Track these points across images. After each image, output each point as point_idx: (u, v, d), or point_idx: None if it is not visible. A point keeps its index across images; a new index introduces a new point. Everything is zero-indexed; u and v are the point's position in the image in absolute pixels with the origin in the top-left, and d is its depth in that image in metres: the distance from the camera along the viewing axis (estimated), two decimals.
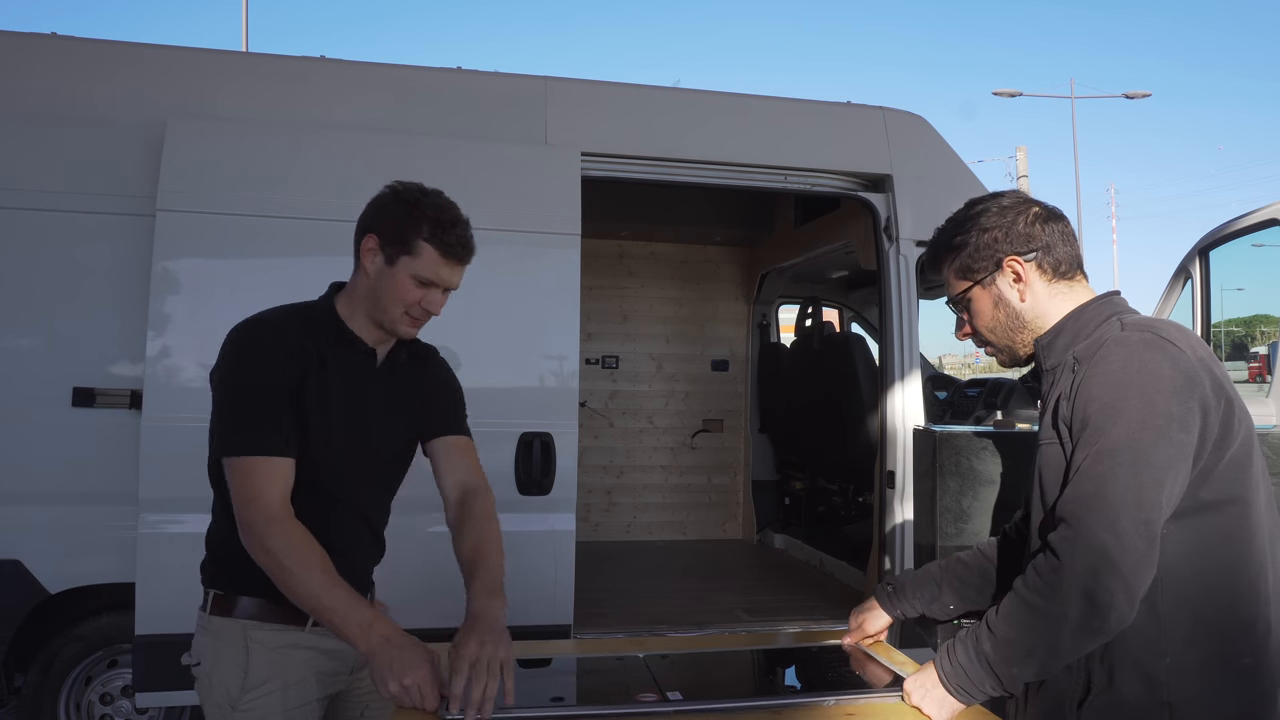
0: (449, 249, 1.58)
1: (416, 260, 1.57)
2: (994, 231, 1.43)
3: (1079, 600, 1.19)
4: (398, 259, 1.58)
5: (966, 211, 1.48)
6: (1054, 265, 1.43)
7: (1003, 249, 1.43)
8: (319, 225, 2.95)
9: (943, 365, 20.19)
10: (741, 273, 5.97)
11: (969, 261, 1.45)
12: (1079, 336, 1.38)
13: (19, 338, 2.87)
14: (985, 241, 1.44)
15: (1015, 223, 1.43)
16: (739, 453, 5.87)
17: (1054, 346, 1.41)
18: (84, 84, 2.98)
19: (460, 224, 1.60)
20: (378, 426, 1.68)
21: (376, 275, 1.61)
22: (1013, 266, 1.43)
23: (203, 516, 2.79)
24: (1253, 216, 3.60)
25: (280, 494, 1.49)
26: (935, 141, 3.73)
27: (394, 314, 1.62)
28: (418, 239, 1.57)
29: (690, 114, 3.51)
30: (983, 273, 1.45)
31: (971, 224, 1.46)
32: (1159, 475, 1.20)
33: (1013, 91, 21.16)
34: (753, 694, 1.56)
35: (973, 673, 1.28)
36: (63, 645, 2.95)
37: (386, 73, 3.28)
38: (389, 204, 1.61)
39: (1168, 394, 1.22)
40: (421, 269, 1.58)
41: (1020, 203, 1.46)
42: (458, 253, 1.60)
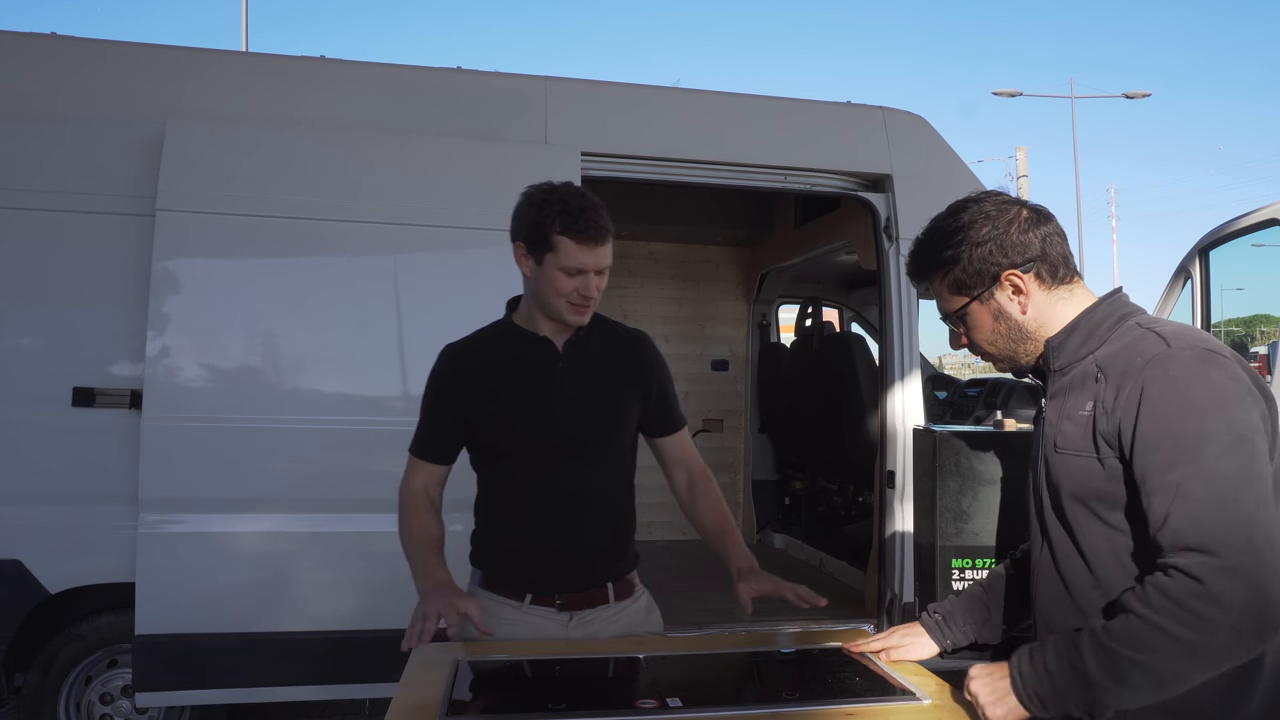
0: (582, 235, 1.67)
1: (559, 254, 1.69)
2: (988, 245, 1.35)
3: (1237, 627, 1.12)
4: (543, 258, 1.71)
5: (952, 220, 1.40)
6: (1051, 272, 1.37)
7: (999, 262, 1.36)
8: (319, 225, 2.95)
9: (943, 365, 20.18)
10: (741, 273, 5.97)
11: (963, 277, 1.38)
12: (1092, 338, 1.34)
13: (19, 338, 2.87)
14: (979, 256, 1.36)
15: (1008, 232, 1.36)
16: (739, 453, 5.86)
17: (1065, 347, 1.36)
18: (84, 84, 2.98)
19: (588, 209, 1.69)
20: (567, 411, 1.77)
21: (533, 277, 1.75)
22: (1011, 280, 1.36)
23: (202, 516, 2.83)
24: (1253, 216, 3.60)
25: (417, 484, 1.85)
26: (935, 141, 3.73)
27: (558, 306, 1.74)
28: (553, 234, 1.68)
29: (690, 114, 3.51)
30: (979, 288, 1.38)
31: (961, 236, 1.38)
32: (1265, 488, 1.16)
33: (1013, 91, 21.17)
34: (753, 696, 1.56)
35: (1061, 685, 1.21)
36: (63, 645, 2.95)
37: (386, 73, 3.28)
38: (523, 209, 1.74)
39: (1241, 406, 1.19)
40: (565, 260, 1.69)
41: (1007, 206, 1.39)
42: (592, 236, 1.68)
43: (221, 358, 2.88)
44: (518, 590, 1.79)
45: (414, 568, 1.77)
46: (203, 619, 2.81)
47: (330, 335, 2.96)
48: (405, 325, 3.01)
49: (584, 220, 1.67)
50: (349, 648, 2.90)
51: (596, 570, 1.81)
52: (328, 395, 2.95)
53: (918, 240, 1.46)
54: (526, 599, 1.78)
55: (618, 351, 1.86)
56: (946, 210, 1.44)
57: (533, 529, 1.78)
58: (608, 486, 1.83)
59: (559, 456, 1.76)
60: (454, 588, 1.71)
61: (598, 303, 1.77)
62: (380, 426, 2.95)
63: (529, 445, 1.77)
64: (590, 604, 1.80)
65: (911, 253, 1.47)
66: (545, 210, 1.69)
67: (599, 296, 1.75)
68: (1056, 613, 1.37)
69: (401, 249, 3.04)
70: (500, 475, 1.83)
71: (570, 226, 1.67)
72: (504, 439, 1.79)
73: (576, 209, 1.67)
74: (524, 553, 1.79)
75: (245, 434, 2.85)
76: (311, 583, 2.93)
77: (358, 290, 2.99)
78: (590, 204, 1.69)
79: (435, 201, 3.03)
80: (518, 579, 1.79)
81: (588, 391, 1.79)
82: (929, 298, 5.29)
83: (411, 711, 1.38)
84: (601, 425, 1.81)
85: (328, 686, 2.98)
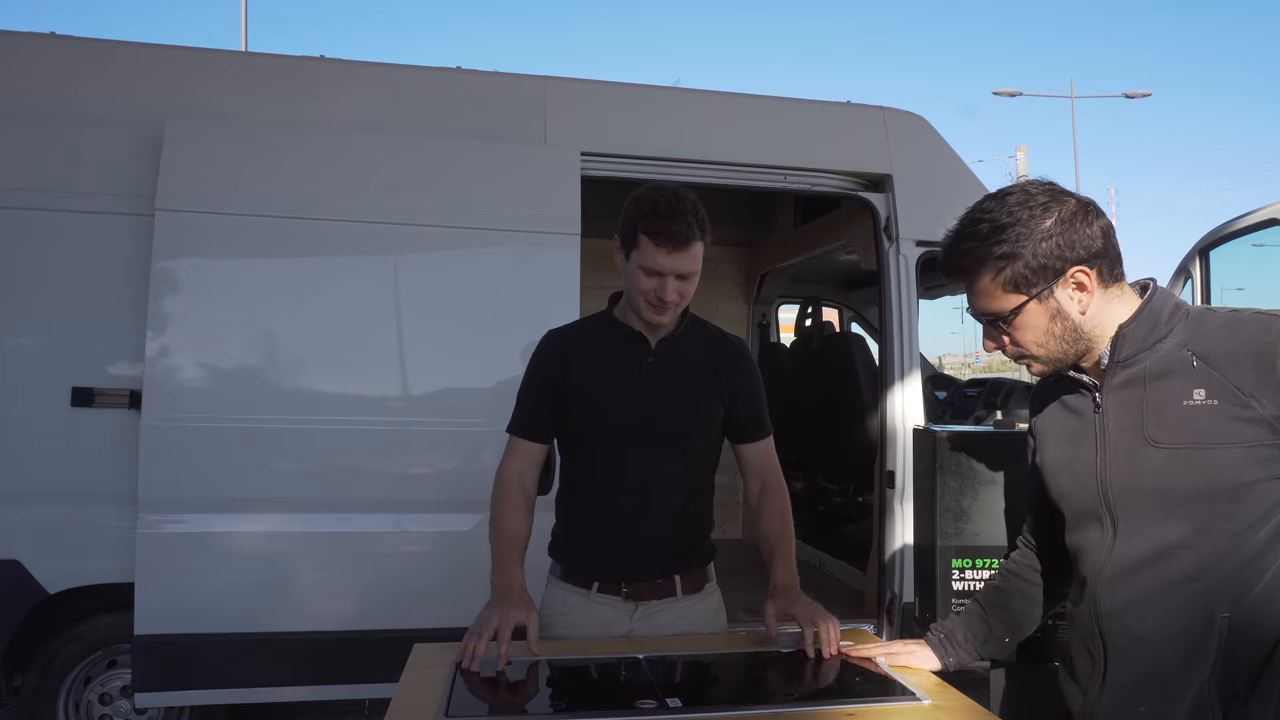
0: (659, 236, 1.68)
1: (640, 253, 1.72)
2: (1055, 239, 1.25)
3: None
4: (630, 254, 1.75)
5: (1003, 211, 1.28)
6: (1110, 268, 1.29)
7: (1066, 257, 1.26)
8: (319, 225, 2.95)
9: (943, 365, 20.22)
10: (741, 273, 5.97)
11: (1024, 274, 1.27)
12: (1158, 327, 1.28)
13: (19, 338, 2.86)
14: (1044, 251, 1.25)
15: (1073, 226, 1.26)
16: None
17: (1134, 336, 1.29)
18: (84, 84, 2.97)
19: (676, 214, 1.69)
20: (651, 403, 1.80)
21: (625, 272, 1.79)
22: (1077, 277, 1.27)
23: (202, 516, 2.83)
24: (1253, 216, 3.59)
25: (514, 468, 1.85)
26: (935, 141, 3.72)
27: (638, 304, 1.77)
28: (637, 233, 1.72)
29: (690, 114, 3.50)
30: (1040, 285, 1.27)
31: (1019, 230, 1.26)
32: None
33: (1013, 91, 21.20)
34: (753, 696, 1.56)
35: None
36: (62, 645, 2.95)
37: (386, 73, 3.28)
38: (625, 207, 1.77)
39: None
40: (644, 260, 1.72)
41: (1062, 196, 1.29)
42: (670, 240, 1.69)
43: (221, 358, 2.88)
44: (585, 578, 1.83)
45: (493, 563, 1.78)
46: (202, 619, 2.81)
47: (330, 335, 2.96)
48: (405, 325, 3.00)
49: (666, 223, 1.68)
50: (349, 648, 2.90)
51: (664, 561, 1.83)
52: (328, 395, 2.95)
53: (957, 234, 1.33)
54: (594, 587, 1.82)
55: (710, 354, 1.89)
56: (990, 200, 1.32)
57: (605, 515, 1.82)
58: (683, 481, 1.85)
59: (637, 446, 1.80)
60: (519, 597, 1.69)
61: (681, 306, 1.80)
62: (380, 426, 2.95)
63: (609, 432, 1.81)
64: (656, 595, 1.83)
65: (951, 247, 1.34)
66: (639, 208, 1.72)
67: (682, 301, 1.77)
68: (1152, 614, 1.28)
69: (401, 249, 3.04)
70: (580, 463, 1.87)
71: (651, 227, 1.69)
72: (587, 425, 1.83)
73: (665, 211, 1.69)
74: (594, 538, 1.84)
75: (245, 434, 2.85)
76: (311, 583, 2.93)
77: (358, 290, 2.98)
78: (681, 209, 1.70)
79: (435, 201, 3.03)
80: (586, 566, 1.84)
81: (672, 387, 1.82)
82: (930, 297, 5.29)
83: (411, 711, 1.38)
84: (682, 421, 1.83)
85: (328, 686, 2.98)
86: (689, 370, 1.85)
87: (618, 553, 1.82)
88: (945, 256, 1.35)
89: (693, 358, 1.87)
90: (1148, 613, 1.27)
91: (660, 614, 1.83)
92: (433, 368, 3.02)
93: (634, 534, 1.81)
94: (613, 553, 1.82)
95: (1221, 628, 1.22)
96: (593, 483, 1.85)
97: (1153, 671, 1.27)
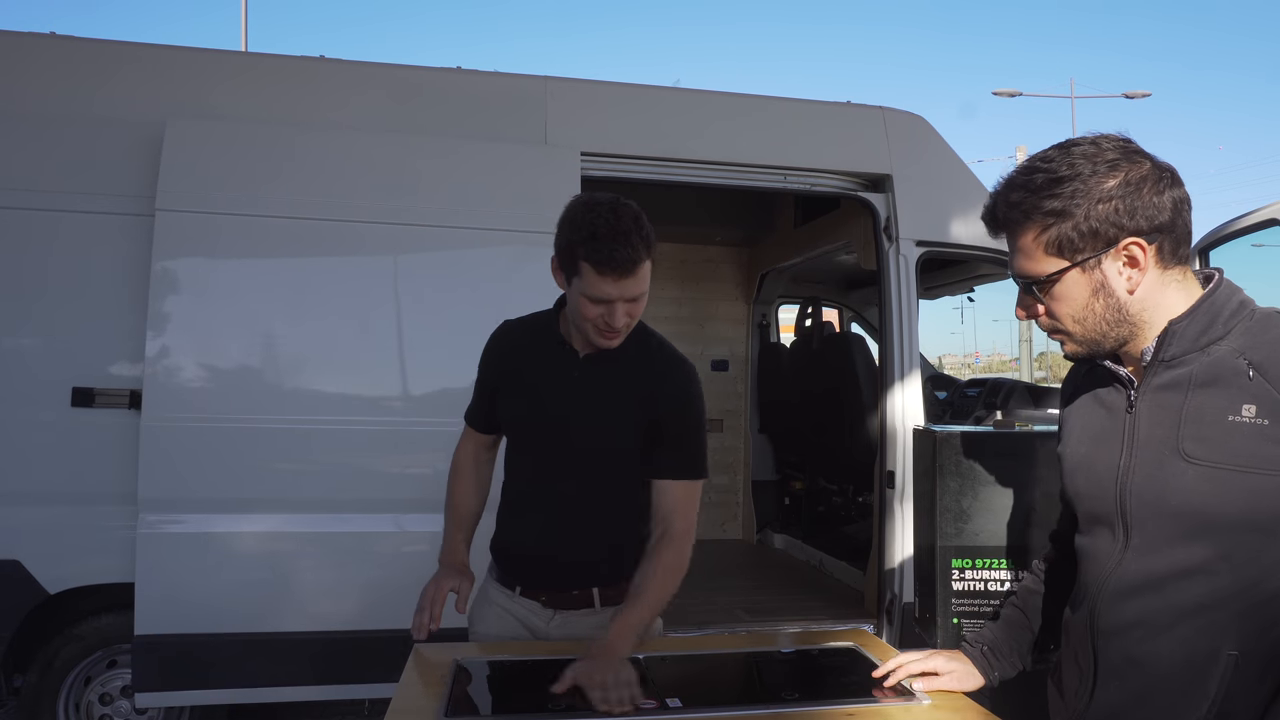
0: (603, 266, 1.54)
1: (584, 280, 1.58)
2: (1114, 202, 1.11)
3: None
4: (571, 280, 1.62)
5: (1066, 163, 1.13)
6: (1174, 248, 1.14)
7: (1122, 225, 1.11)
8: (319, 225, 2.95)
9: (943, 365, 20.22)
10: (741, 273, 5.97)
11: (1071, 237, 1.12)
12: (1214, 326, 1.14)
13: (19, 338, 2.86)
14: (1100, 214, 1.11)
15: (1139, 191, 1.11)
16: (739, 453, 5.86)
17: (1185, 334, 1.14)
18: (84, 84, 2.97)
19: (618, 236, 1.53)
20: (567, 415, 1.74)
21: (568, 294, 1.67)
22: (1130, 250, 1.12)
23: (202, 516, 2.83)
24: (1252, 216, 3.59)
25: (468, 448, 1.93)
26: (935, 141, 3.72)
27: (585, 330, 1.66)
28: (579, 259, 1.57)
29: (690, 114, 3.51)
30: (1088, 253, 1.13)
31: (1077, 185, 1.11)
32: None
33: (1012, 91, 21.18)
34: (753, 696, 1.56)
35: None
36: (62, 645, 2.95)
37: (386, 73, 3.28)
38: (560, 224, 1.62)
39: None
40: (588, 289, 1.58)
41: (1137, 157, 1.13)
42: (615, 268, 1.54)
43: (221, 358, 2.88)
44: (510, 581, 1.84)
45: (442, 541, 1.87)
46: (202, 619, 2.81)
47: (330, 335, 2.96)
48: (405, 325, 3.01)
49: (609, 249, 1.52)
50: (349, 648, 2.90)
51: (580, 575, 1.78)
52: (328, 395, 2.95)
53: (1009, 180, 1.18)
54: (517, 589, 1.83)
55: (640, 374, 1.74)
56: (1055, 148, 1.17)
57: (522, 523, 1.82)
58: (602, 499, 1.76)
59: (555, 461, 1.76)
60: (456, 570, 1.82)
61: (632, 326, 1.67)
62: (380, 426, 2.96)
63: (524, 439, 1.82)
64: (574, 606, 1.79)
65: (999, 194, 1.19)
66: (576, 230, 1.57)
67: (631, 323, 1.64)
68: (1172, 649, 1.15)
69: (401, 249, 3.04)
70: (509, 466, 1.87)
71: (594, 254, 1.53)
72: (509, 430, 1.85)
73: (606, 234, 1.53)
74: (513, 545, 1.84)
75: (245, 434, 2.85)
76: (311, 583, 2.93)
77: (358, 290, 2.99)
78: (622, 230, 1.54)
79: (435, 201, 3.03)
80: (510, 570, 1.84)
81: (593, 407, 1.73)
82: (930, 297, 5.27)
83: (411, 711, 1.38)
84: (597, 440, 1.74)
85: (328, 686, 2.98)
86: (613, 390, 1.73)
87: (532, 562, 1.80)
88: (990, 204, 1.20)
89: (621, 377, 1.73)
90: (1150, 638, 1.16)
91: (578, 623, 1.78)
92: (433, 368, 3.02)
93: (543, 546, 1.77)
94: (528, 561, 1.81)
95: (1227, 665, 1.12)
96: (516, 488, 1.84)
97: (1145, 699, 1.18)
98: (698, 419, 1.78)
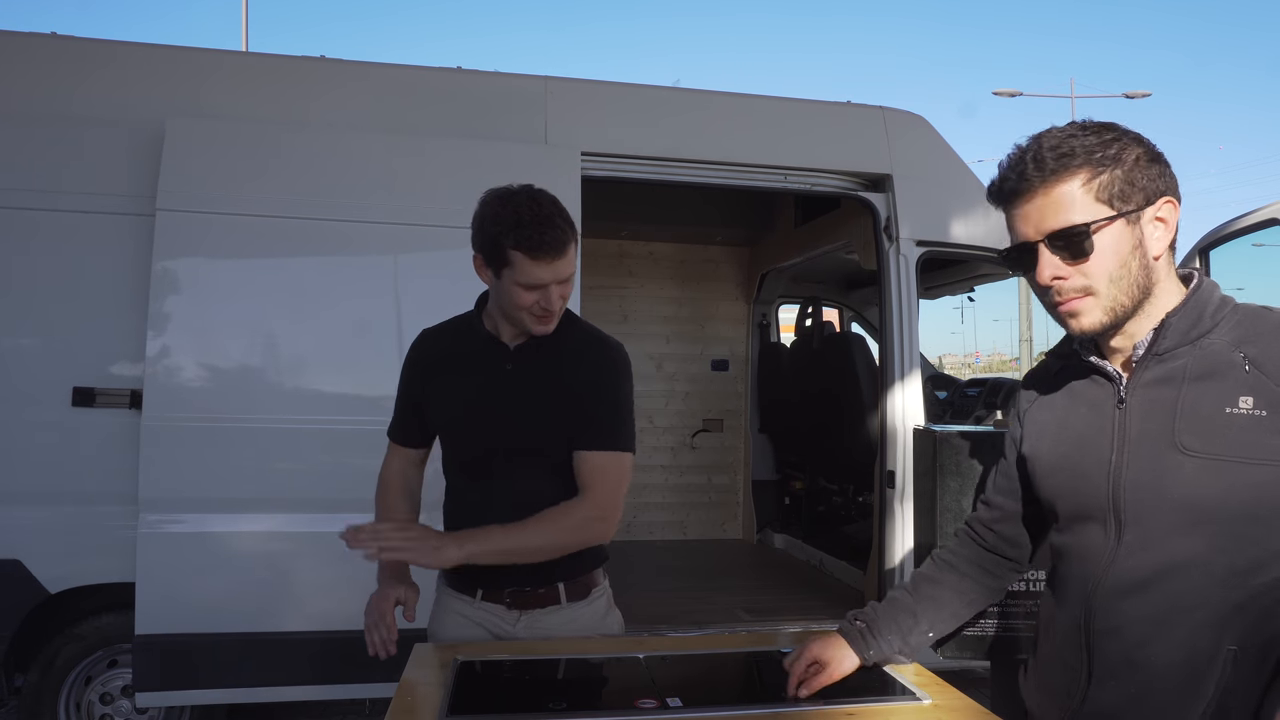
0: (536, 250, 1.59)
1: (515, 270, 1.61)
2: (1159, 165, 1.14)
3: None
4: (500, 272, 1.64)
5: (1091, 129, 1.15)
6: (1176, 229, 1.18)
7: (1163, 188, 1.14)
8: (319, 225, 2.95)
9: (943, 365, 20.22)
10: (741, 273, 5.97)
11: (1123, 185, 1.12)
12: (1202, 319, 1.16)
13: (19, 338, 2.86)
14: (1150, 172, 1.13)
15: (1158, 160, 1.15)
16: (739, 452, 5.87)
17: (1178, 327, 1.16)
18: (84, 84, 2.98)
19: (542, 221, 1.59)
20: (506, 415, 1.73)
21: (494, 288, 1.69)
22: (1165, 211, 1.14)
23: (202, 516, 2.83)
24: (1253, 216, 3.59)
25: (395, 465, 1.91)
26: (935, 141, 3.73)
27: (521, 319, 1.68)
28: (507, 249, 1.60)
29: (690, 114, 3.51)
30: (1134, 205, 1.13)
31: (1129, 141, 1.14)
32: None
33: (1013, 91, 21.17)
34: (753, 698, 1.56)
35: None
36: (63, 645, 2.95)
37: (387, 73, 3.28)
38: (477, 220, 1.66)
39: None
40: (521, 276, 1.62)
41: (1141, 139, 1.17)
42: (546, 251, 1.60)
43: (221, 358, 2.88)
44: (469, 586, 1.79)
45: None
46: (202, 619, 2.81)
47: (330, 335, 2.96)
48: (405, 325, 3.00)
49: (538, 233, 1.57)
50: (349, 648, 2.88)
51: (542, 572, 1.73)
52: (328, 395, 2.95)
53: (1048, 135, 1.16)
54: (478, 594, 1.78)
55: (567, 356, 1.75)
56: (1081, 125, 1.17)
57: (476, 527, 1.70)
58: (552, 489, 1.71)
59: (496, 461, 1.73)
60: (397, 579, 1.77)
61: (563, 309, 1.71)
62: (380, 426, 2.93)
63: (467, 447, 1.77)
64: (540, 604, 1.76)
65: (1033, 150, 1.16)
66: (499, 223, 1.60)
67: (564, 304, 1.70)
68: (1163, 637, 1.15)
69: (401, 249, 3.04)
70: (450, 473, 1.82)
71: (524, 241, 1.58)
72: (445, 436, 1.82)
73: (530, 220, 1.57)
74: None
75: (245, 434, 2.85)
76: (311, 583, 2.93)
77: (358, 290, 2.99)
78: (545, 214, 1.60)
79: (435, 201, 3.03)
80: (468, 575, 1.76)
81: (529, 398, 1.72)
82: (930, 297, 5.27)
83: (411, 711, 1.38)
84: (538, 433, 1.72)
85: (328, 686, 2.98)
86: (546, 377, 1.73)
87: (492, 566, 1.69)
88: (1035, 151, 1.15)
89: (551, 362, 1.74)
90: (1149, 636, 1.16)
91: (545, 620, 1.76)
92: None
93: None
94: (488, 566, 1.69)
95: (1226, 660, 1.12)
96: (462, 494, 1.80)
97: (1142, 699, 1.17)
98: (615, 391, 1.76)
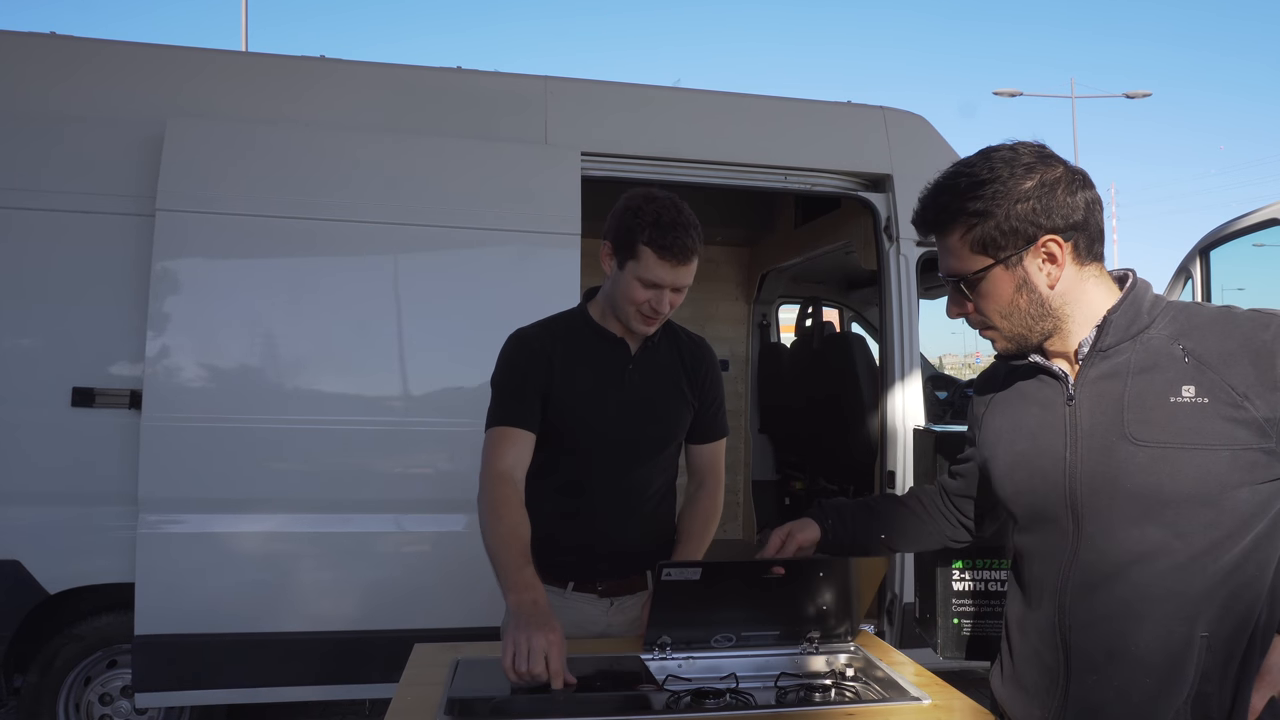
0: (665, 251, 1.68)
1: (639, 264, 1.70)
2: (1030, 203, 1.18)
3: None
4: (625, 263, 1.73)
5: (985, 168, 1.21)
6: (1088, 245, 1.21)
7: (1040, 224, 1.18)
8: (319, 225, 2.95)
9: (943, 365, 20.22)
10: (741, 273, 5.97)
11: (993, 235, 1.20)
12: (1140, 317, 1.21)
13: (19, 338, 2.86)
14: (1019, 214, 1.18)
15: (1054, 192, 1.18)
16: (739, 453, 5.86)
17: (1118, 324, 1.21)
18: (84, 84, 2.98)
19: (679, 226, 1.69)
20: (633, 412, 1.82)
21: (613, 279, 1.77)
22: (1049, 247, 1.19)
23: (202, 516, 2.83)
24: (1253, 216, 3.59)
25: (507, 463, 1.72)
26: (935, 141, 3.72)
27: (628, 313, 1.76)
28: (638, 243, 1.69)
29: (690, 114, 3.51)
30: (1010, 250, 1.20)
31: (997, 187, 1.19)
32: None
33: (1013, 91, 21.16)
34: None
35: None
36: (62, 645, 2.95)
37: (386, 72, 3.28)
38: (618, 212, 1.75)
39: None
40: (643, 271, 1.70)
41: (1051, 161, 1.21)
42: (674, 254, 1.68)
43: (221, 358, 2.88)
44: (560, 579, 1.83)
45: (504, 575, 1.59)
46: (202, 619, 2.81)
47: (330, 335, 2.96)
48: (405, 325, 3.01)
49: (672, 236, 1.67)
50: (349, 648, 2.90)
51: (638, 561, 1.85)
52: (328, 395, 2.95)
53: (936, 184, 1.27)
54: (569, 586, 1.83)
55: (680, 358, 1.90)
56: (976, 155, 1.26)
57: (580, 520, 1.82)
58: (657, 485, 1.88)
59: (617, 456, 1.81)
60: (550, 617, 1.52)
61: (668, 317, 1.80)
62: (380, 426, 2.96)
63: (591, 440, 1.81)
64: (630, 590, 1.86)
65: (927, 198, 1.28)
66: (639, 218, 1.69)
67: (671, 312, 1.77)
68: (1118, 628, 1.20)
69: (401, 249, 3.04)
70: (554, 465, 1.83)
71: (657, 239, 1.67)
72: (569, 431, 1.81)
73: (669, 223, 1.68)
74: (570, 543, 1.83)
75: (245, 434, 2.85)
76: (312, 583, 2.93)
77: (358, 290, 2.99)
78: (683, 222, 1.70)
79: (435, 201, 3.03)
80: (563, 569, 1.82)
81: (651, 397, 1.84)
82: (930, 297, 5.29)
83: (411, 711, 1.38)
84: (660, 430, 1.85)
85: (328, 686, 2.98)
86: (665, 377, 1.87)
87: (593, 557, 1.83)
88: (920, 208, 1.29)
89: (667, 362, 1.89)
90: (1125, 627, 1.19)
91: (633, 606, 1.86)
92: (433, 368, 3.02)
93: (610, 540, 1.83)
94: (588, 557, 1.83)
95: (1200, 648, 1.16)
96: (567, 487, 1.83)
97: (1124, 691, 1.19)
98: (721, 386, 1.97)
